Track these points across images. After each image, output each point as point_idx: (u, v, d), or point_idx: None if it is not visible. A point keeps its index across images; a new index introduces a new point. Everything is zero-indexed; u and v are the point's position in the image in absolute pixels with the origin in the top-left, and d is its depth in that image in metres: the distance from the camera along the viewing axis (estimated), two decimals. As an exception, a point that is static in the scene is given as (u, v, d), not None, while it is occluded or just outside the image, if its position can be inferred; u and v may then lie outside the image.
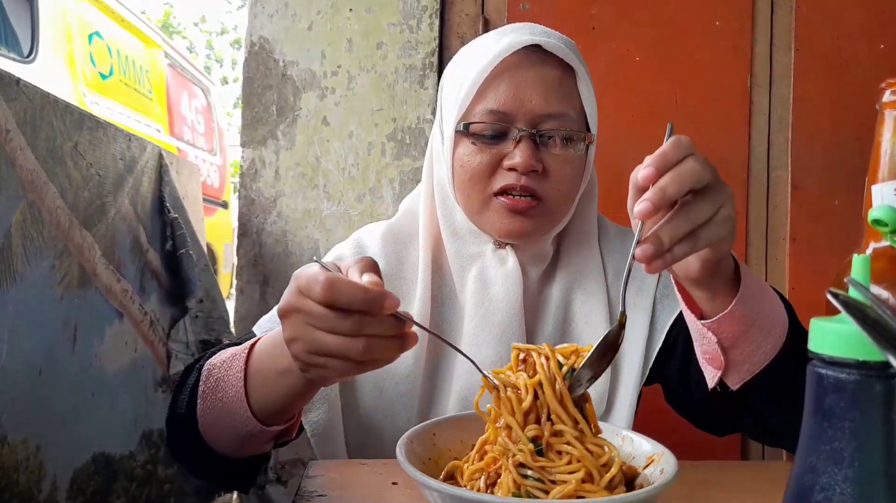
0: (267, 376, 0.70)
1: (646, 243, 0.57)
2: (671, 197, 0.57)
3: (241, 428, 0.71)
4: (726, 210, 0.59)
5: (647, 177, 0.57)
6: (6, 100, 0.96)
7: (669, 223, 0.57)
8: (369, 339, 0.57)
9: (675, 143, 0.59)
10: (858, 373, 0.38)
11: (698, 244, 0.58)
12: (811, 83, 1.64)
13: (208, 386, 0.74)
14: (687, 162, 0.58)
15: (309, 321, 0.58)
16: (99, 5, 3.29)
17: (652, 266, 0.57)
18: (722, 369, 0.70)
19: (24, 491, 1.00)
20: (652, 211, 0.56)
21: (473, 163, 0.84)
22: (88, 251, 1.22)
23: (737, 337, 0.68)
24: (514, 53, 0.83)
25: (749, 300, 0.66)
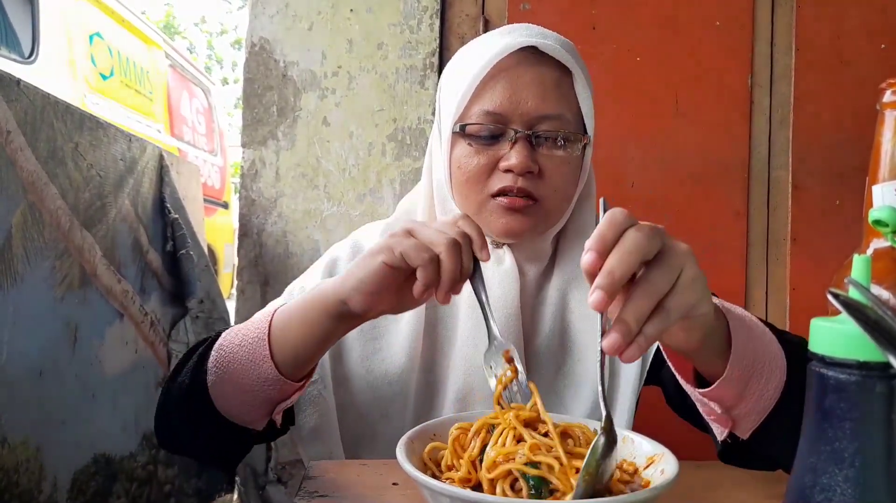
0: (294, 313, 0.72)
1: (613, 332, 0.51)
2: (621, 278, 0.52)
3: (254, 374, 0.71)
4: (690, 272, 0.54)
5: (590, 262, 0.53)
6: (7, 101, 0.96)
7: (630, 303, 0.52)
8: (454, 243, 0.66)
9: (609, 219, 0.54)
10: (859, 374, 0.38)
11: (671, 316, 0.53)
12: (812, 83, 1.64)
13: (229, 336, 0.75)
14: (628, 236, 0.53)
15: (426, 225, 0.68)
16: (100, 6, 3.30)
17: (626, 355, 0.52)
18: (730, 426, 0.68)
19: (25, 492, 1.00)
20: (606, 300, 0.51)
21: (470, 164, 0.84)
22: (89, 252, 1.22)
23: (738, 397, 0.65)
24: (511, 55, 0.83)
25: (744, 357, 0.63)
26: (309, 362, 0.74)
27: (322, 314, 0.70)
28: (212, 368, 0.74)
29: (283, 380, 0.71)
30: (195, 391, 0.75)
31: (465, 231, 0.68)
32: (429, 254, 0.65)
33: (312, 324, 0.70)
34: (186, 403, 0.76)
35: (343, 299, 0.68)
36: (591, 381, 0.87)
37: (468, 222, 0.69)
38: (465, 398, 0.85)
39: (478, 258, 0.69)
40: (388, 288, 0.67)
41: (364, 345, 0.87)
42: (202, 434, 0.78)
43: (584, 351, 0.88)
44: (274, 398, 0.73)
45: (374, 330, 0.88)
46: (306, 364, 0.73)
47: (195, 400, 0.75)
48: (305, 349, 0.72)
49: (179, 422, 0.80)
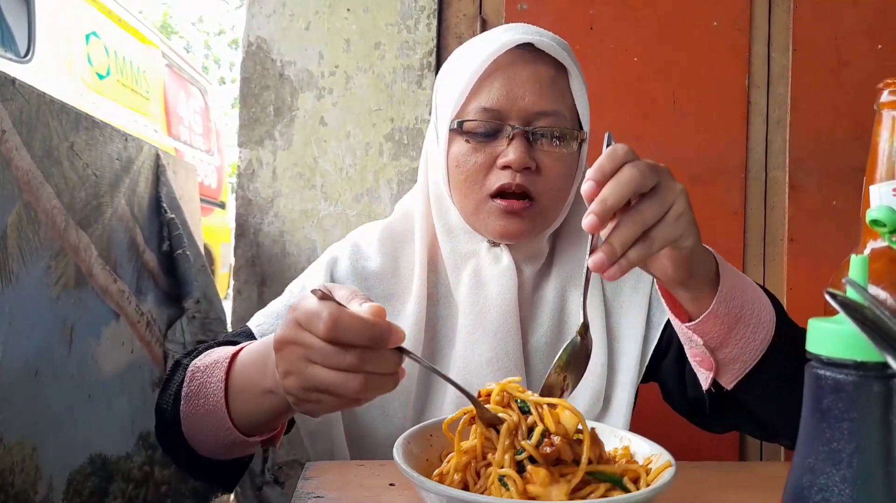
0: (249, 392, 0.68)
1: (598, 252, 0.58)
2: (612, 206, 0.57)
3: (223, 436, 0.71)
4: (679, 207, 0.60)
5: (588, 190, 0.58)
6: (2, 100, 0.96)
7: (618, 228, 0.58)
8: (368, 376, 0.56)
9: (610, 153, 0.60)
10: (857, 374, 0.38)
11: (654, 245, 0.59)
12: (809, 83, 1.64)
13: (191, 389, 0.73)
14: (625, 170, 0.58)
15: (307, 355, 0.57)
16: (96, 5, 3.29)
17: (608, 274, 0.58)
18: (713, 370, 0.71)
19: (21, 492, 1.00)
20: (597, 223, 0.57)
21: (468, 162, 0.84)
22: (84, 252, 1.21)
23: (723, 336, 0.68)
24: (508, 52, 0.83)
25: (731, 298, 0.67)
26: (276, 423, 0.72)
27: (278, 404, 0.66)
28: (183, 421, 0.74)
29: (255, 439, 0.71)
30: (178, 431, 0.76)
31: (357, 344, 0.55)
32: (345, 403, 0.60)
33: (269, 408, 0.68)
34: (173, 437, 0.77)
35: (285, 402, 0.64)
36: (589, 377, 0.87)
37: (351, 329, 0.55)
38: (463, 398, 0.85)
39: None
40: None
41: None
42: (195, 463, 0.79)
43: None
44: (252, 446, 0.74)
45: None
46: (273, 425, 0.72)
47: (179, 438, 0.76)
48: (269, 422, 0.70)
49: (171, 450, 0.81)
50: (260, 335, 0.85)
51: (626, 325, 0.90)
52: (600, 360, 0.87)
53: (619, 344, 0.89)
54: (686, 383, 0.85)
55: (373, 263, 0.92)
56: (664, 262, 0.64)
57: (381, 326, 0.56)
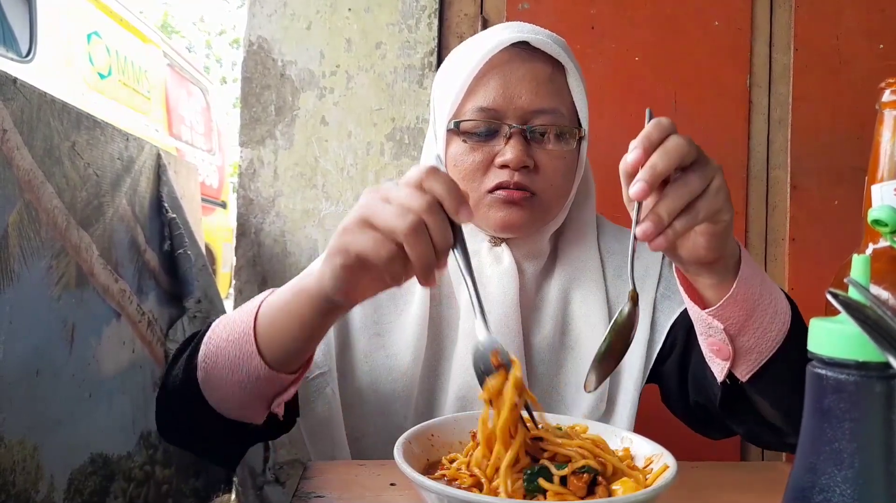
0: (281, 306, 0.68)
1: (646, 221, 0.59)
2: (662, 173, 0.58)
3: (243, 367, 0.68)
4: (718, 181, 0.61)
5: (636, 159, 0.59)
6: (3, 99, 0.96)
7: (665, 198, 0.59)
8: (418, 225, 0.57)
9: (656, 124, 0.61)
10: (858, 374, 0.38)
11: (698, 217, 0.60)
12: (810, 83, 1.64)
13: (216, 331, 0.72)
14: (671, 139, 0.60)
15: (386, 194, 0.59)
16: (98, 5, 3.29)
17: (655, 243, 0.59)
18: (730, 359, 0.70)
19: (21, 492, 1.00)
20: (647, 190, 0.58)
21: (466, 162, 0.84)
22: (86, 251, 1.21)
23: (742, 322, 0.67)
24: (504, 51, 0.83)
25: (750, 282, 0.67)
26: (301, 354, 0.71)
27: (307, 308, 0.66)
28: (201, 364, 0.71)
29: (275, 375, 0.69)
30: (188, 387, 0.73)
31: (436, 193, 0.59)
32: (387, 251, 0.58)
33: (297, 317, 0.67)
34: (181, 399, 0.74)
35: (326, 296, 0.64)
36: None
37: (437, 179, 0.59)
38: (465, 396, 0.85)
39: (456, 223, 0.60)
40: (362, 281, 0.63)
41: (368, 341, 0.87)
42: (200, 430, 0.77)
43: (586, 350, 0.88)
44: (269, 393, 0.71)
45: (377, 326, 0.88)
46: (298, 356, 0.70)
47: (189, 396, 0.73)
48: (294, 342, 0.68)
49: (176, 417, 0.79)
50: None
51: None
52: None
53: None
54: (687, 388, 0.85)
55: None
56: (699, 240, 0.64)
57: (464, 194, 0.60)
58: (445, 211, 0.59)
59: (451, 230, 0.59)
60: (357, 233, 0.60)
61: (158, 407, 0.80)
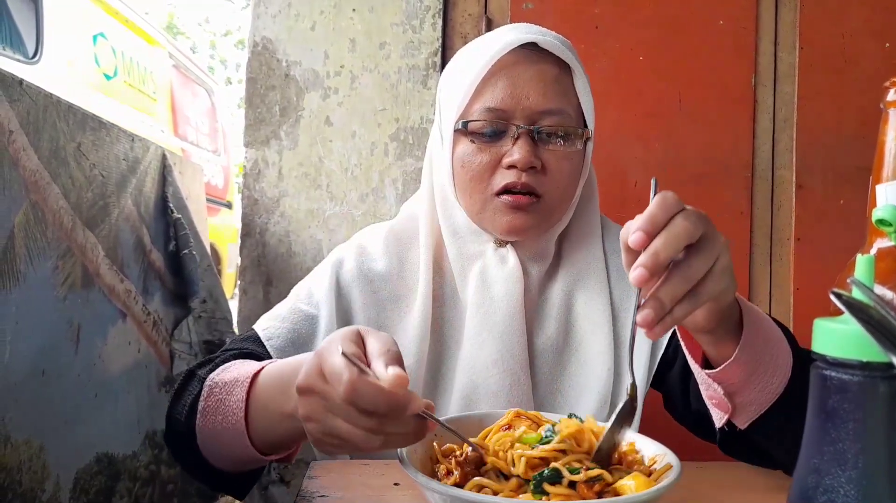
0: (270, 415, 0.68)
1: (646, 308, 0.55)
2: (664, 261, 0.55)
3: (240, 453, 0.71)
4: (723, 260, 0.58)
5: (638, 242, 0.55)
6: (9, 100, 0.96)
7: (668, 284, 0.56)
8: (388, 435, 0.56)
9: (661, 202, 0.57)
10: (862, 374, 0.38)
11: (699, 301, 0.57)
12: (816, 82, 1.63)
13: (209, 404, 0.73)
14: (676, 222, 0.56)
15: (329, 408, 0.56)
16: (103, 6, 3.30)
17: (654, 332, 0.56)
18: (729, 413, 0.69)
19: (28, 491, 1.01)
20: (647, 277, 0.54)
21: (474, 162, 0.84)
22: (91, 251, 1.22)
23: (742, 382, 0.66)
24: (511, 52, 0.83)
25: (753, 345, 0.65)
26: (295, 444, 0.73)
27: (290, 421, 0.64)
28: (199, 434, 0.74)
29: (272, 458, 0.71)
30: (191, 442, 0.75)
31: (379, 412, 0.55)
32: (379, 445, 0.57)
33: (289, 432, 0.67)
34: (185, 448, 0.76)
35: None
36: (595, 382, 0.87)
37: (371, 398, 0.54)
38: (469, 396, 0.85)
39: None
40: None
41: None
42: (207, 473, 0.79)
43: (589, 352, 0.88)
44: (267, 463, 0.74)
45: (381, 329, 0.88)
46: (292, 446, 0.72)
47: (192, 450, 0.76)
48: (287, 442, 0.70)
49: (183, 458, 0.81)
50: (266, 339, 0.85)
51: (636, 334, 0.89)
52: (606, 366, 0.86)
53: (626, 350, 0.89)
54: (690, 396, 0.84)
55: (379, 265, 0.92)
56: (699, 314, 0.61)
57: (400, 398, 0.54)
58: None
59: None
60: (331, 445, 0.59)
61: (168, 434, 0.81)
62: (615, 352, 0.88)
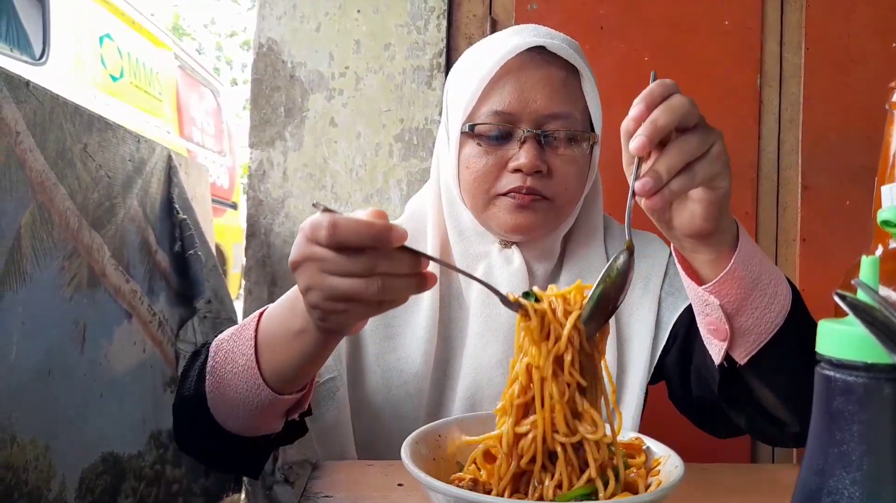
0: (279, 339, 0.67)
1: (644, 177, 0.58)
2: (663, 127, 0.57)
3: (252, 398, 0.69)
4: (718, 146, 0.60)
5: (638, 115, 0.58)
6: (16, 102, 0.97)
7: (665, 156, 0.58)
8: (385, 278, 0.56)
9: (659, 83, 0.60)
10: (867, 376, 0.38)
11: (696, 179, 0.59)
12: (821, 82, 1.63)
13: (217, 360, 0.72)
14: (674, 97, 0.59)
15: (321, 267, 0.56)
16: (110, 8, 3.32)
17: (651, 201, 0.58)
18: (727, 340, 0.69)
19: (34, 490, 1.01)
20: (647, 144, 0.57)
21: (479, 164, 0.84)
22: (97, 252, 1.22)
23: (740, 300, 0.66)
24: (519, 55, 0.83)
25: (749, 260, 0.66)
26: (307, 376, 0.70)
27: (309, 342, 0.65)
28: (209, 394, 0.72)
29: (286, 398, 0.69)
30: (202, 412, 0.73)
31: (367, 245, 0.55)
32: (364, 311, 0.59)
33: (301, 350, 0.66)
34: (197, 421, 0.75)
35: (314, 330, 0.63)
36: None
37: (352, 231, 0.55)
38: (473, 397, 0.85)
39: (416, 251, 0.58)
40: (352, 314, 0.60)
41: (379, 344, 0.88)
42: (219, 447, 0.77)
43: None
44: (281, 410, 0.72)
45: (388, 329, 0.88)
46: (305, 377, 0.70)
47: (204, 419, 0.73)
48: (300, 368, 0.68)
49: (194, 437, 0.80)
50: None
51: (636, 327, 0.89)
52: (609, 362, 0.87)
53: (629, 345, 0.89)
54: (690, 382, 0.84)
55: None
56: (695, 208, 0.63)
57: (379, 225, 0.55)
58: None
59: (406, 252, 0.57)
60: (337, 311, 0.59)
61: (175, 424, 0.80)
62: (617, 348, 0.88)
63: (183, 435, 0.81)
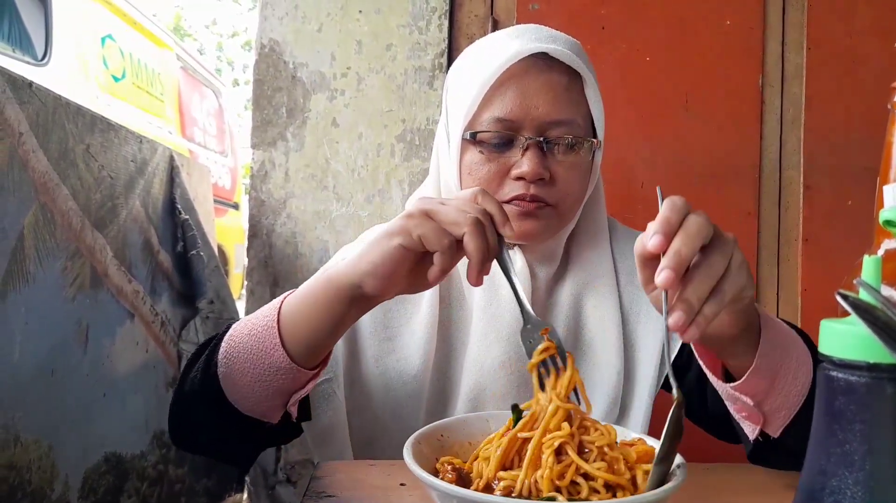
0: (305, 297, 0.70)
1: (676, 311, 0.55)
2: (687, 258, 0.56)
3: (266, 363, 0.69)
4: (738, 257, 0.59)
5: (658, 245, 0.56)
6: (19, 102, 0.97)
7: (692, 283, 0.56)
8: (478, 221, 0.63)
9: (671, 205, 0.58)
10: (869, 376, 0.38)
11: (725, 298, 0.57)
12: (823, 82, 1.62)
13: (238, 327, 0.73)
14: (690, 221, 0.57)
15: (444, 201, 0.65)
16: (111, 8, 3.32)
17: (688, 334, 0.56)
18: (760, 423, 0.69)
19: (37, 490, 1.01)
20: (674, 278, 0.55)
21: (481, 172, 0.84)
22: (100, 252, 1.23)
23: (767, 389, 0.67)
24: (521, 60, 0.82)
25: (771, 349, 0.65)
26: (322, 348, 0.71)
27: (334, 298, 0.67)
28: (222, 359, 0.72)
29: (296, 368, 0.69)
30: (207, 384, 0.73)
31: (486, 208, 0.65)
32: (448, 240, 0.63)
33: (324, 308, 0.68)
34: (199, 397, 0.74)
35: (356, 283, 0.66)
36: (605, 385, 0.87)
37: (488, 198, 0.66)
38: (476, 398, 0.85)
39: (501, 234, 0.66)
40: (403, 270, 0.66)
41: (379, 346, 0.88)
42: (216, 430, 0.77)
43: (599, 354, 0.88)
44: (287, 388, 0.71)
45: (387, 330, 0.88)
46: (319, 350, 0.71)
47: (207, 394, 0.73)
48: (318, 335, 0.69)
49: (193, 417, 0.79)
50: None
51: (644, 335, 0.89)
52: (616, 368, 0.86)
53: (637, 353, 0.88)
54: (708, 400, 0.84)
55: None
56: (724, 318, 0.62)
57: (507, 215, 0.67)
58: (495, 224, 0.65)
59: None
60: (421, 220, 0.64)
61: (172, 411, 0.80)
62: (625, 354, 0.87)
63: (178, 426, 0.80)
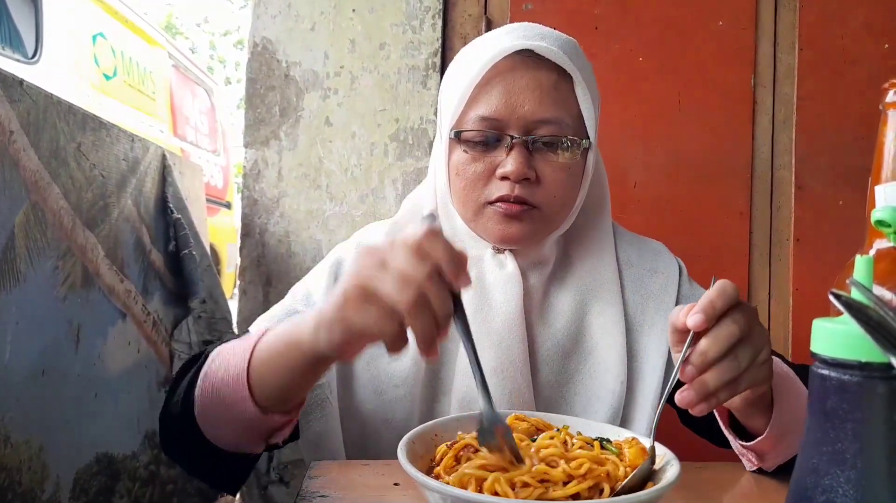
0: (274, 351, 0.67)
1: (691, 390, 0.60)
2: (712, 360, 0.60)
3: (238, 412, 0.68)
4: (765, 354, 0.62)
5: (696, 324, 0.60)
6: (10, 101, 0.96)
7: (716, 371, 0.60)
8: (422, 296, 0.55)
9: (721, 290, 0.61)
10: (861, 375, 0.38)
11: (740, 387, 0.61)
12: (815, 83, 1.63)
13: (213, 366, 0.71)
14: (727, 325, 0.60)
15: (386, 258, 0.57)
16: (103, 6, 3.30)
17: (696, 409, 0.60)
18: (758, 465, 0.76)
19: (28, 491, 1.01)
20: (695, 375, 0.60)
21: (468, 171, 0.83)
22: (91, 252, 1.22)
23: (773, 446, 0.72)
24: (508, 57, 0.81)
25: (782, 416, 0.70)
26: (295, 397, 0.70)
27: (300, 360, 0.65)
28: (198, 400, 0.71)
29: (268, 418, 0.69)
30: (187, 419, 0.73)
31: (435, 258, 0.57)
32: (391, 327, 0.57)
33: (290, 367, 0.66)
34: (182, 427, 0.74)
35: (320, 353, 0.63)
36: (603, 396, 0.86)
37: (436, 243, 0.57)
38: (468, 404, 0.84)
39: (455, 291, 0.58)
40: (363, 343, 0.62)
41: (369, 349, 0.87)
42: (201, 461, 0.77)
43: (601, 363, 0.87)
44: (263, 431, 0.71)
45: None
46: (292, 398, 0.70)
47: (189, 426, 0.73)
48: (288, 388, 0.68)
49: (178, 449, 0.79)
50: None
51: (648, 346, 0.88)
52: (619, 378, 0.85)
53: (640, 364, 0.88)
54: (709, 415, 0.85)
55: None
56: (735, 400, 0.67)
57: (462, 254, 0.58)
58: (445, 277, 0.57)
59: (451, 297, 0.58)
60: (358, 307, 0.58)
61: (161, 425, 0.80)
62: (628, 366, 0.86)
63: (168, 443, 0.80)
